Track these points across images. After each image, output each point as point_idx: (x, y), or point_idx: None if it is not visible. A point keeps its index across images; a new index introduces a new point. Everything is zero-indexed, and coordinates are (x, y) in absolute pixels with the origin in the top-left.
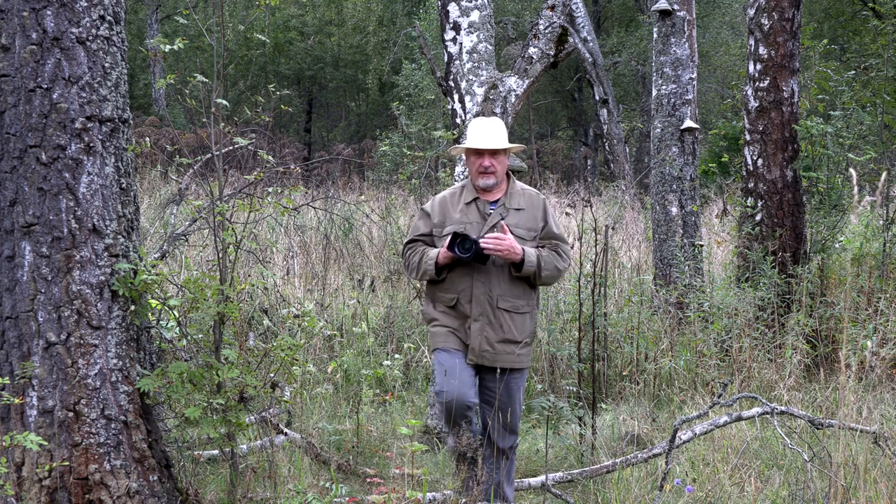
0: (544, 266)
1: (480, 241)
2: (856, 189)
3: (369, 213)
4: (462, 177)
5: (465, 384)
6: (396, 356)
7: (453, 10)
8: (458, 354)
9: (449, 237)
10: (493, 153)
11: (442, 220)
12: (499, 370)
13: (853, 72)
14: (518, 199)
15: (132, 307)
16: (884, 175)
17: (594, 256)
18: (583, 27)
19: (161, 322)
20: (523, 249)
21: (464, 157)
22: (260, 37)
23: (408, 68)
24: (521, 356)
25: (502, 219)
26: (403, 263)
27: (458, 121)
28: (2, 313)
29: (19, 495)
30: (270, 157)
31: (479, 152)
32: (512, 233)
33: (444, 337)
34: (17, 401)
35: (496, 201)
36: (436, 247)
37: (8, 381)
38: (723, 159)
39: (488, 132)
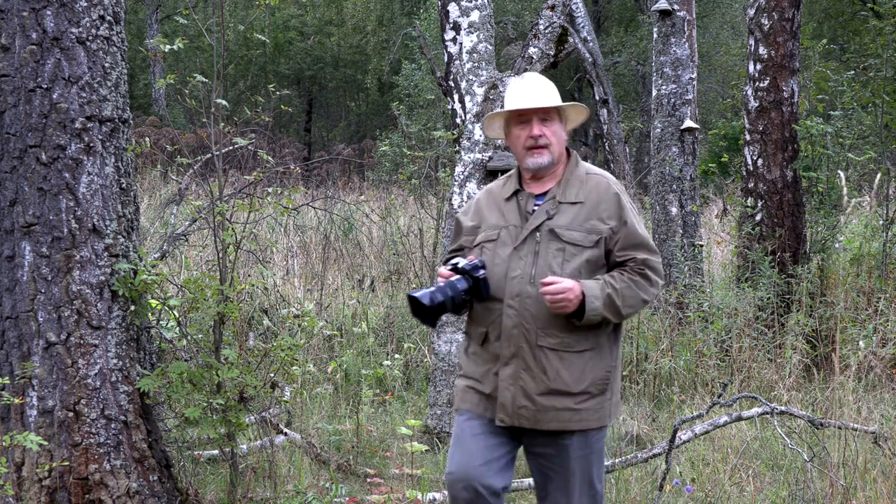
0: (622, 304)
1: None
2: (845, 191)
3: (369, 213)
4: (461, 177)
5: (474, 458)
6: (396, 356)
7: (453, 10)
8: (472, 418)
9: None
10: (545, 117)
11: (477, 223)
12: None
13: (853, 72)
14: (575, 189)
15: (132, 307)
16: (878, 176)
17: None
18: (583, 27)
19: (161, 322)
20: (582, 291)
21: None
22: (260, 37)
23: (408, 68)
24: (584, 412)
25: (549, 218)
26: None
27: (458, 121)
28: (2, 313)
29: (19, 495)
30: (270, 158)
31: (522, 118)
32: (560, 238)
33: (461, 394)
34: (17, 401)
35: (545, 193)
36: None
37: (8, 381)
38: (723, 159)
39: (532, 89)
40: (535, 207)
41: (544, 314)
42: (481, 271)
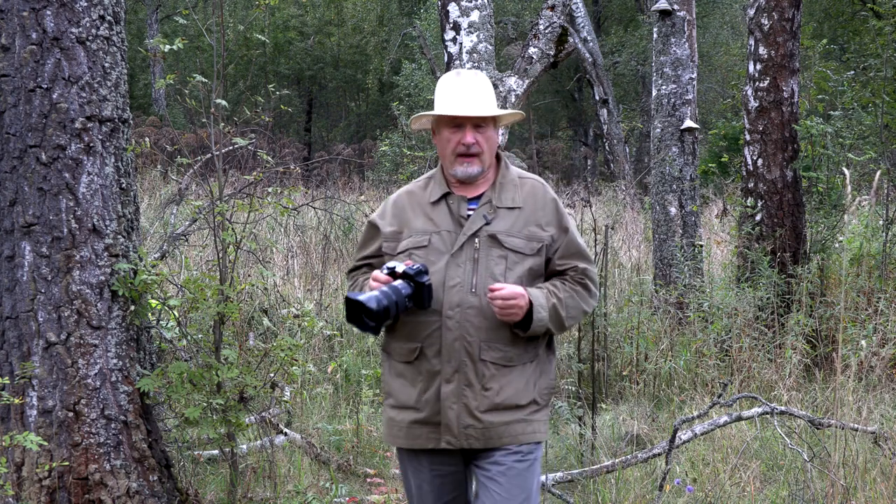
0: (566, 315)
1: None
2: (849, 189)
3: (369, 213)
4: None
5: None
6: None
7: (453, 10)
8: (415, 460)
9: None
10: (479, 123)
11: (398, 228)
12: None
13: (853, 72)
14: (512, 194)
15: (132, 307)
16: (878, 174)
17: (594, 256)
18: (583, 27)
19: (161, 322)
20: (529, 299)
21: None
22: (260, 37)
23: (408, 68)
24: (531, 424)
25: (487, 223)
26: None
27: None
28: (2, 313)
29: (19, 495)
30: (270, 158)
31: (455, 122)
32: (502, 244)
33: (399, 429)
34: (17, 401)
35: (478, 197)
36: None
37: (8, 381)
38: (723, 159)
39: (469, 92)
40: (470, 212)
41: (487, 326)
42: (425, 276)
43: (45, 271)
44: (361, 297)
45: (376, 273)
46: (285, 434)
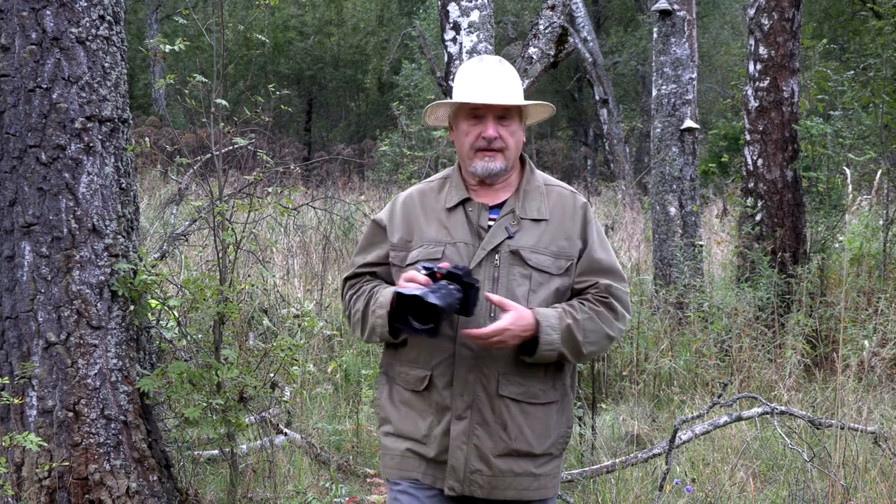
0: (584, 340)
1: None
2: (850, 188)
3: (369, 213)
4: None
5: None
6: None
7: (453, 10)
8: (414, 491)
9: (391, 299)
10: (503, 115)
11: (407, 236)
12: None
13: (853, 72)
14: (538, 203)
15: (132, 307)
16: (879, 173)
17: None
18: (583, 27)
19: (161, 322)
20: (535, 319)
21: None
22: (260, 37)
23: (408, 68)
24: (544, 479)
25: (510, 236)
26: (344, 313)
27: None
28: (2, 313)
29: (19, 495)
30: (270, 158)
31: (475, 113)
32: (526, 262)
33: (399, 460)
34: (16, 401)
35: (500, 205)
36: (394, 282)
37: (8, 381)
38: (723, 159)
39: (493, 79)
40: (491, 222)
41: (506, 356)
42: (475, 278)
43: (44, 271)
44: (419, 293)
45: (414, 274)
46: (285, 434)
